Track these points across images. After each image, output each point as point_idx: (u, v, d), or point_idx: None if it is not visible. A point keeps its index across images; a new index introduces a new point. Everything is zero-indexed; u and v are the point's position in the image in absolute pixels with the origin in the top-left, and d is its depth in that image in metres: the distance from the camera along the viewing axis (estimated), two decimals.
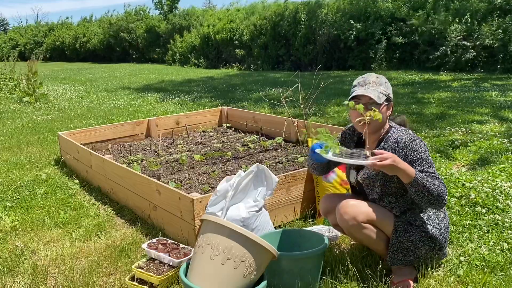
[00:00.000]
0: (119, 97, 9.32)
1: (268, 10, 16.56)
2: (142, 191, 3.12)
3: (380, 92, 2.10)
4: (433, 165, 2.06)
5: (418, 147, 2.06)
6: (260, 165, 2.62)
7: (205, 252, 1.92)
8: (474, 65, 11.37)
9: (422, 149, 2.06)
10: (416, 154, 2.05)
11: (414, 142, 2.07)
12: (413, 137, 2.09)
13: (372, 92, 2.08)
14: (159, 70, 17.19)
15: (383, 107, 2.11)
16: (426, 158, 2.06)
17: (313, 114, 6.31)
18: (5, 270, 2.51)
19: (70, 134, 4.62)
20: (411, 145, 2.06)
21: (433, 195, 1.98)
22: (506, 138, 4.60)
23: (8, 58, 13.29)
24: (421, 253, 2.14)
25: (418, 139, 2.09)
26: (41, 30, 31.71)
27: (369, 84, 2.12)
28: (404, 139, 2.08)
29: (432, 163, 2.07)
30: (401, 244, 2.10)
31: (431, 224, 2.13)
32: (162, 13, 23.74)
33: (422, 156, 2.05)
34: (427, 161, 2.05)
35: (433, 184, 1.98)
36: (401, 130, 2.13)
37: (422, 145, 2.07)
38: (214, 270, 1.88)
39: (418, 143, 2.07)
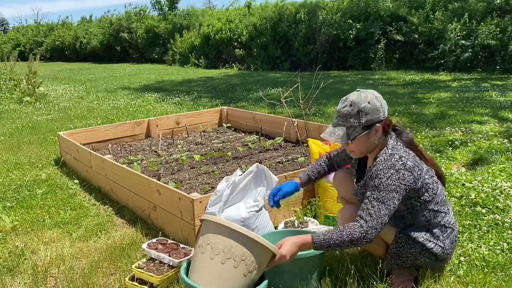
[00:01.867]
0: (119, 97, 9.32)
1: (267, 10, 16.56)
2: (142, 191, 3.12)
3: (349, 126, 2.00)
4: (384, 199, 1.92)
5: (385, 177, 1.93)
6: (260, 165, 2.62)
7: (205, 252, 1.92)
8: (473, 65, 11.38)
9: (387, 180, 1.93)
10: (376, 180, 1.95)
11: (385, 170, 1.95)
12: (391, 165, 1.95)
13: (337, 133, 2.02)
14: (159, 70, 17.19)
15: (361, 137, 2.01)
16: (384, 189, 1.93)
17: (313, 114, 6.31)
18: (5, 270, 2.51)
19: (70, 134, 4.62)
20: (378, 172, 1.96)
21: (347, 247, 1.94)
22: (506, 138, 4.60)
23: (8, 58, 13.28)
24: (420, 263, 2.13)
25: (393, 169, 1.94)
26: (41, 30, 31.72)
27: (340, 117, 2.04)
28: (380, 164, 1.98)
29: (389, 198, 1.92)
30: (400, 254, 2.09)
31: (433, 242, 2.07)
32: (161, 13, 23.75)
33: (380, 185, 1.93)
34: (380, 192, 1.93)
35: (339, 238, 1.91)
36: (387, 155, 2.00)
37: (393, 177, 1.93)
38: (214, 269, 1.88)
39: (390, 173, 1.94)
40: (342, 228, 1.94)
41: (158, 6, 23.86)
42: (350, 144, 2.05)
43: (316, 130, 4.39)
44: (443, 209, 2.11)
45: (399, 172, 1.94)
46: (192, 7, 22.79)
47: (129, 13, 24.52)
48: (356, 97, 2.01)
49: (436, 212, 2.09)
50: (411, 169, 1.97)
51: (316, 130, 4.39)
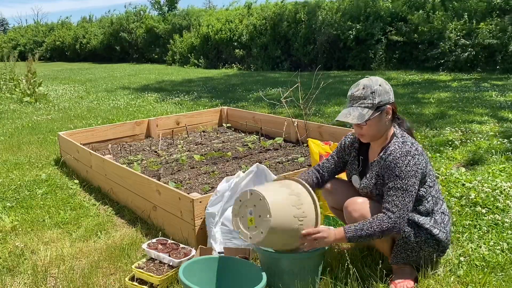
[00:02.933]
0: (119, 97, 9.32)
1: (267, 10, 16.56)
2: (142, 191, 3.12)
3: (365, 107, 2.07)
4: (407, 186, 1.99)
5: (404, 164, 2.01)
6: (260, 165, 2.62)
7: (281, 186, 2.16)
8: (473, 65, 11.38)
9: (406, 167, 2.00)
10: (397, 170, 2.01)
11: (402, 158, 2.02)
12: (406, 152, 2.03)
13: (352, 114, 2.07)
14: (159, 70, 17.19)
15: (374, 118, 2.08)
16: (405, 177, 2.00)
17: (313, 114, 6.31)
18: (5, 270, 2.51)
19: (70, 134, 4.62)
20: (397, 160, 2.02)
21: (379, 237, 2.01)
22: (506, 138, 4.60)
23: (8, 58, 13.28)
24: (424, 254, 2.15)
25: (409, 156, 2.02)
26: (41, 30, 31.71)
27: (354, 101, 2.11)
28: (396, 152, 2.04)
29: (411, 184, 2.00)
30: (407, 245, 2.10)
31: (438, 228, 2.11)
32: (160, 13, 23.75)
33: (400, 174, 2.00)
34: (403, 180, 2.00)
35: (369, 228, 1.99)
36: (399, 142, 2.08)
37: (411, 162, 2.01)
38: (280, 194, 2.09)
39: (408, 160, 2.01)
40: (372, 220, 2.01)
41: (157, 6, 23.86)
42: (363, 127, 2.11)
43: (316, 130, 4.39)
44: (441, 196, 2.20)
45: (415, 157, 2.02)
46: (192, 7, 22.79)
47: (129, 13, 24.52)
48: (367, 81, 2.12)
49: (437, 199, 2.16)
50: (422, 153, 2.08)
51: (316, 130, 4.40)
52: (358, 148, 2.32)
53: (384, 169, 2.07)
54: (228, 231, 2.50)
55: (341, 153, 2.39)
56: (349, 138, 2.37)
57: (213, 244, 2.47)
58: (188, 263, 2.09)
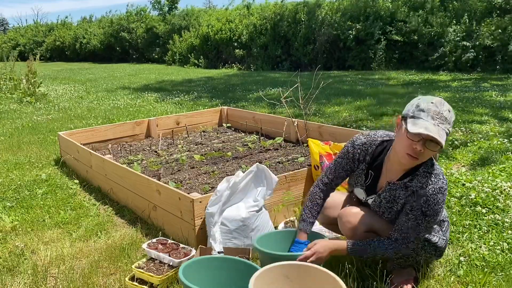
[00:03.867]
0: (119, 97, 9.32)
1: (267, 10, 16.57)
2: (142, 191, 3.12)
3: (446, 132, 1.84)
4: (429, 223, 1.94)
5: (434, 202, 1.90)
6: (260, 165, 2.62)
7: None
8: (473, 65, 11.38)
9: (436, 206, 1.91)
10: (424, 206, 1.91)
11: (434, 196, 1.90)
12: (440, 188, 1.91)
13: (443, 137, 1.81)
14: (159, 70, 17.19)
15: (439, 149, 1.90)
16: (431, 215, 1.92)
17: (313, 114, 6.31)
18: (5, 270, 2.51)
19: (70, 134, 4.62)
20: (429, 197, 1.90)
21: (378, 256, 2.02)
22: (506, 138, 4.60)
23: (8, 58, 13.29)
24: (421, 259, 2.14)
25: (441, 193, 1.91)
26: (41, 30, 31.71)
27: (441, 121, 1.83)
28: (429, 188, 1.91)
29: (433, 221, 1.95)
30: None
31: (437, 236, 2.09)
32: (161, 13, 23.75)
33: (427, 211, 1.91)
34: (428, 218, 1.93)
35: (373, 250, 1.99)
36: (432, 176, 1.93)
37: (440, 200, 1.91)
38: None
39: (439, 197, 1.91)
40: (377, 243, 2.01)
41: (158, 6, 23.86)
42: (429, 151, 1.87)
43: (316, 130, 4.39)
44: None
45: (445, 194, 1.94)
46: (192, 7, 22.79)
47: (130, 13, 24.53)
48: (447, 104, 1.91)
49: None
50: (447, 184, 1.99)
51: (316, 130, 4.40)
52: (370, 163, 2.14)
53: (410, 198, 1.96)
54: (228, 231, 2.50)
55: (349, 166, 2.19)
56: (358, 150, 2.15)
57: (213, 244, 2.47)
58: (188, 263, 2.09)
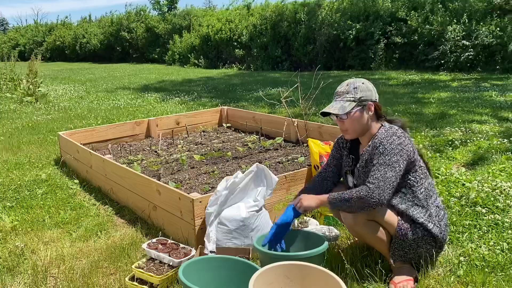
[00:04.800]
0: (119, 97, 9.32)
1: (267, 10, 16.57)
2: (142, 191, 3.12)
3: (347, 100, 2.15)
4: (390, 162, 2.02)
5: (388, 142, 2.07)
6: (260, 165, 2.62)
7: None
8: (473, 65, 11.38)
9: (390, 145, 2.06)
10: (381, 148, 2.07)
11: (387, 137, 2.09)
12: (392, 132, 2.10)
13: (335, 106, 2.17)
14: (159, 70, 17.19)
15: (356, 113, 2.15)
16: (387, 154, 2.04)
17: (313, 114, 6.31)
18: (5, 270, 2.51)
19: (70, 134, 4.62)
20: (382, 140, 2.09)
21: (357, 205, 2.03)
22: (506, 138, 4.60)
23: (8, 58, 13.29)
24: (421, 251, 2.15)
25: (394, 136, 2.08)
26: (41, 30, 31.71)
27: (337, 96, 2.21)
28: (381, 134, 2.13)
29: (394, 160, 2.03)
30: (404, 242, 2.12)
31: (432, 222, 2.13)
32: (160, 13, 23.75)
33: (384, 150, 2.06)
34: (386, 156, 2.04)
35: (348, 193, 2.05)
36: (386, 127, 2.17)
37: (395, 141, 2.06)
38: None
39: (393, 139, 2.07)
40: (353, 190, 2.06)
41: (157, 6, 23.86)
42: (345, 121, 2.17)
43: (316, 130, 4.39)
44: (434, 190, 2.23)
45: (400, 138, 2.09)
46: (192, 7, 22.80)
47: (130, 13, 24.53)
48: (351, 79, 2.24)
49: (430, 192, 2.18)
50: (410, 140, 2.14)
51: (316, 130, 4.40)
52: (350, 147, 2.36)
53: (370, 152, 2.14)
54: (228, 231, 2.50)
55: (338, 153, 2.42)
56: (341, 138, 2.42)
57: (206, 242, 2.47)
58: (188, 263, 2.09)
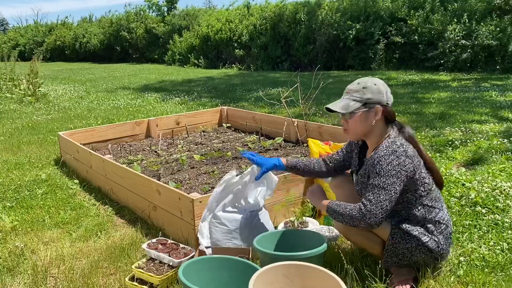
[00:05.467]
0: (119, 97, 9.32)
1: (267, 10, 16.57)
2: (142, 191, 3.12)
3: (353, 99, 2.08)
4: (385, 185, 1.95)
5: (386, 162, 1.97)
6: (255, 166, 2.61)
7: None
8: (473, 65, 11.38)
9: (388, 166, 1.96)
10: (377, 167, 1.98)
11: (386, 156, 1.98)
12: (392, 151, 1.99)
13: (339, 104, 2.11)
14: (159, 70, 17.19)
15: (360, 114, 2.07)
16: (384, 175, 1.96)
17: (313, 114, 6.31)
18: (5, 270, 2.51)
19: (70, 134, 4.62)
20: (380, 158, 1.99)
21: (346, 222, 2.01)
22: (506, 138, 4.60)
23: (8, 58, 13.30)
24: (417, 260, 2.13)
25: (394, 155, 1.98)
26: (41, 30, 31.72)
27: (346, 93, 2.13)
28: (382, 151, 2.02)
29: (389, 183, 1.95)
30: (397, 250, 2.10)
31: (428, 236, 2.08)
32: (159, 14, 23.74)
33: (380, 171, 1.97)
34: (381, 178, 1.96)
35: (344, 209, 2.02)
36: (389, 142, 2.04)
37: (394, 162, 1.97)
38: None
39: (391, 159, 1.97)
40: (349, 205, 2.02)
41: (156, 7, 23.85)
42: (348, 120, 2.11)
43: (316, 130, 4.39)
44: (436, 205, 2.13)
45: (400, 158, 1.98)
46: (192, 7, 22.80)
47: (129, 13, 24.53)
48: (365, 78, 2.16)
49: (430, 208, 2.10)
50: (412, 157, 2.02)
51: (316, 130, 4.40)
52: (360, 147, 2.31)
53: (369, 166, 2.06)
54: (228, 231, 2.50)
55: (349, 148, 2.39)
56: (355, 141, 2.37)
57: (200, 238, 2.47)
58: (188, 263, 2.09)
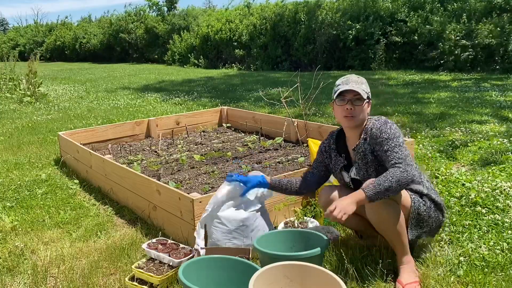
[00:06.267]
0: (119, 97, 9.32)
1: (267, 10, 16.57)
2: (142, 191, 3.12)
3: (363, 89, 2.26)
4: (400, 142, 2.14)
5: (387, 128, 2.18)
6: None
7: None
8: (473, 65, 11.38)
9: (391, 130, 2.17)
10: (384, 134, 2.16)
11: (384, 125, 2.20)
12: (384, 121, 2.23)
13: (358, 88, 2.24)
14: (159, 70, 17.19)
15: (365, 104, 2.26)
16: (393, 137, 2.15)
17: (313, 114, 6.31)
18: (5, 270, 2.51)
19: (70, 134, 4.62)
20: (381, 128, 2.19)
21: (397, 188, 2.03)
22: (506, 138, 4.60)
23: (8, 58, 13.30)
24: (432, 222, 2.27)
25: (389, 122, 2.22)
26: (41, 30, 31.73)
27: (353, 82, 2.27)
28: (376, 124, 2.23)
29: (401, 141, 2.15)
30: (419, 216, 2.21)
31: (431, 192, 2.27)
32: (159, 14, 23.75)
33: (389, 136, 2.16)
34: (393, 139, 2.14)
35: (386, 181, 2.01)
36: (374, 118, 2.28)
37: (393, 127, 2.20)
38: None
39: (389, 125, 2.20)
40: (386, 174, 2.04)
41: (156, 7, 23.86)
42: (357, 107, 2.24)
43: (316, 130, 4.39)
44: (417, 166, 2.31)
45: (393, 124, 2.23)
46: (192, 7, 22.80)
47: (129, 13, 24.53)
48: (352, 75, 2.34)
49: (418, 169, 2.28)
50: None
51: (316, 130, 4.40)
52: (336, 148, 2.43)
53: (371, 142, 2.22)
54: (228, 231, 2.49)
55: (321, 158, 2.50)
56: (323, 143, 2.53)
57: (197, 238, 2.46)
58: (188, 263, 2.09)
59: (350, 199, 2.03)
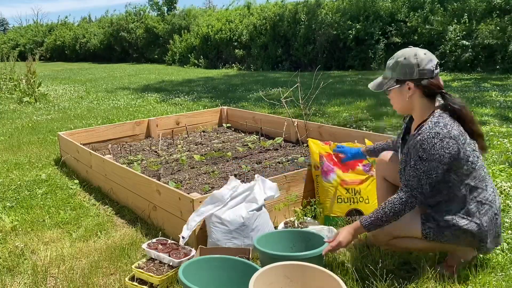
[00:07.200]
0: (119, 97, 9.32)
1: (267, 10, 16.57)
2: (142, 191, 3.12)
3: (384, 78, 2.16)
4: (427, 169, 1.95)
5: (429, 146, 1.94)
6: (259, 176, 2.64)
7: None
8: (473, 65, 11.38)
9: (431, 150, 1.93)
10: (420, 151, 1.96)
11: (429, 140, 1.94)
12: (435, 133, 1.94)
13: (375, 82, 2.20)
14: (159, 70, 17.19)
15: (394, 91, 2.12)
16: (427, 159, 1.94)
17: (313, 114, 6.31)
18: (5, 270, 2.51)
19: (70, 134, 4.62)
20: (423, 141, 1.95)
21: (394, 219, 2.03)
22: (506, 138, 4.60)
23: (8, 58, 13.29)
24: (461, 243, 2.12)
25: (437, 138, 1.93)
26: (41, 30, 31.74)
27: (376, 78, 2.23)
28: (425, 133, 1.97)
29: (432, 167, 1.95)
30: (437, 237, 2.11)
31: (468, 219, 2.04)
32: (159, 13, 23.76)
33: (423, 155, 1.95)
34: (424, 162, 1.95)
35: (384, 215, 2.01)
36: (432, 123, 1.98)
37: (437, 146, 1.93)
38: None
39: (434, 142, 1.93)
40: (384, 205, 2.03)
41: (156, 7, 23.87)
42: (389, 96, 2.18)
43: (316, 130, 4.39)
44: (480, 185, 2.07)
45: (443, 140, 1.94)
46: (192, 7, 22.80)
47: (129, 13, 24.53)
48: (401, 51, 2.12)
49: (473, 188, 2.05)
50: (456, 137, 1.97)
51: (316, 130, 4.40)
52: (406, 126, 2.30)
53: (411, 147, 2.03)
54: (228, 231, 2.49)
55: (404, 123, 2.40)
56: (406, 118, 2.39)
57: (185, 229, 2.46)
58: (188, 263, 2.09)
59: (347, 230, 2.11)
